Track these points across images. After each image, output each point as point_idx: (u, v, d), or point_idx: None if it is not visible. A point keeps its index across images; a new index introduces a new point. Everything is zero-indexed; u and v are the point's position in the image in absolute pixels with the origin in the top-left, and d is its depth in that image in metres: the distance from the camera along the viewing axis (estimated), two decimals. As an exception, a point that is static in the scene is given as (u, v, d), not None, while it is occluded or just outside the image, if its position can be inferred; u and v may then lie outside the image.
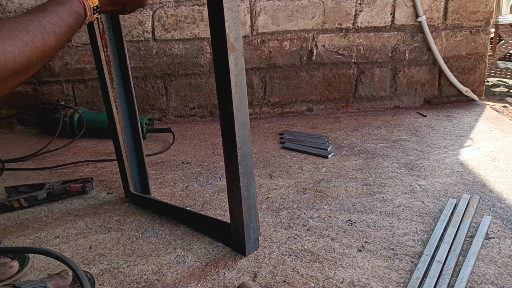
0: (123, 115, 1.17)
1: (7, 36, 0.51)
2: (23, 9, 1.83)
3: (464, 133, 1.70)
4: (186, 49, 1.92)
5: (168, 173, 1.43)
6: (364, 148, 1.58)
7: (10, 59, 0.51)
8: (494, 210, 1.11)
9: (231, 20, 0.80)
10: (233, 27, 0.81)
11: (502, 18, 2.28)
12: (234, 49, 0.82)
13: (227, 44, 0.81)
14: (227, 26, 0.80)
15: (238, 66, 0.84)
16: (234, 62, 0.83)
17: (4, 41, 0.51)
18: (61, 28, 0.61)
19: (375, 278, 0.87)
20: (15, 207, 1.21)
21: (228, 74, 0.83)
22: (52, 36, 0.59)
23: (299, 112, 2.06)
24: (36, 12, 0.59)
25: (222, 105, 0.87)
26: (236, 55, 0.83)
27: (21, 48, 0.53)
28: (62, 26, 0.62)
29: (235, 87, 0.85)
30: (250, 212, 0.94)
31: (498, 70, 2.42)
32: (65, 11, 0.63)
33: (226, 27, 0.80)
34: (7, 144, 1.79)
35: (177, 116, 2.01)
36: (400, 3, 1.93)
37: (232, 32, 0.81)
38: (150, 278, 0.90)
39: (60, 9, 0.62)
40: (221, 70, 0.84)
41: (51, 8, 0.61)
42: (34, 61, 0.56)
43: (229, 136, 0.88)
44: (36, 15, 0.59)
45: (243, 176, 0.90)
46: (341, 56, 1.99)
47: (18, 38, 0.53)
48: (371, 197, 1.21)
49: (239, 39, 0.83)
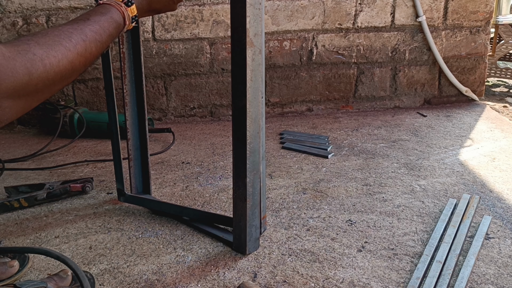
0: (132, 113, 1.17)
1: (50, 42, 0.56)
2: (23, 9, 1.83)
3: (464, 133, 1.70)
4: (186, 49, 1.92)
5: (168, 173, 1.43)
6: (364, 148, 1.58)
7: (54, 62, 0.55)
8: (494, 210, 1.11)
9: (252, 16, 0.82)
10: (253, 23, 0.83)
11: (502, 18, 2.28)
12: (252, 44, 0.84)
13: (247, 39, 0.83)
14: (248, 21, 0.82)
15: (255, 61, 0.86)
16: (251, 57, 0.85)
17: (48, 47, 0.55)
18: (101, 36, 0.66)
19: (375, 278, 0.87)
20: (15, 207, 1.21)
21: (244, 68, 0.84)
22: (93, 43, 0.63)
23: (299, 112, 2.06)
24: (79, 21, 0.64)
25: (235, 99, 0.88)
26: (254, 50, 0.85)
27: (64, 53, 0.57)
28: (103, 34, 0.66)
29: (250, 82, 0.86)
30: (254, 210, 0.94)
31: (498, 70, 2.42)
32: (106, 20, 0.68)
33: (247, 22, 0.82)
34: (7, 144, 1.79)
35: (177, 116, 2.01)
36: (400, 3, 1.93)
37: (252, 27, 0.83)
38: (150, 278, 0.90)
39: (101, 18, 0.67)
40: (238, 64, 0.85)
41: (93, 18, 0.66)
42: (77, 66, 0.60)
43: (239, 130, 0.89)
44: (79, 23, 0.63)
45: (250, 172, 0.91)
46: (341, 56, 1.99)
47: (61, 44, 0.57)
48: (371, 197, 1.21)
49: (258, 36, 0.85)
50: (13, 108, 0.52)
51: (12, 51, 0.51)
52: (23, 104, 0.53)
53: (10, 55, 0.51)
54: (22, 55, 0.52)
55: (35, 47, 0.54)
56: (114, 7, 0.71)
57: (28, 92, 0.53)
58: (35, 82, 0.53)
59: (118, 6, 0.72)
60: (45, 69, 0.54)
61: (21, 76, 0.51)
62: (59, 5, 1.83)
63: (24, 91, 0.52)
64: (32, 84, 0.52)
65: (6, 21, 1.84)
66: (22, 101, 0.53)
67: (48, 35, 0.57)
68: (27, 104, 0.54)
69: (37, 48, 0.54)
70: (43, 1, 1.82)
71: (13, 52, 0.51)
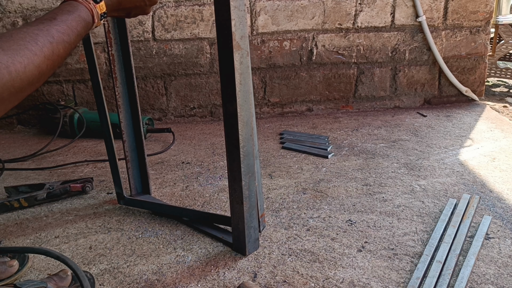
0: (126, 114, 1.16)
1: (15, 47, 0.52)
2: (23, 9, 1.83)
3: (464, 133, 1.70)
4: (186, 49, 1.92)
5: (168, 173, 1.43)
6: (364, 148, 1.58)
7: (20, 69, 0.52)
8: (494, 210, 1.11)
9: (237, 18, 0.81)
10: (239, 26, 0.82)
11: (502, 18, 2.28)
12: (239, 47, 0.83)
13: (233, 42, 0.81)
14: (233, 24, 0.81)
15: (243, 64, 0.85)
16: (239, 61, 0.84)
17: (13, 52, 0.52)
18: (69, 37, 0.62)
19: (375, 278, 0.87)
20: (15, 207, 1.21)
21: (233, 72, 0.83)
22: (61, 45, 0.59)
23: (299, 112, 2.06)
24: (45, 21, 0.60)
25: (226, 103, 0.88)
26: (241, 53, 0.84)
27: (30, 58, 0.53)
28: (71, 34, 0.62)
29: (239, 85, 0.85)
30: (251, 212, 0.94)
31: (498, 70, 2.42)
32: (74, 19, 0.64)
33: (232, 26, 0.81)
34: (7, 144, 1.79)
35: (177, 116, 2.01)
36: (400, 3, 1.93)
37: (238, 30, 0.82)
38: (150, 278, 0.90)
39: (68, 18, 0.63)
40: (226, 68, 0.84)
41: (60, 17, 0.62)
42: (44, 70, 0.57)
43: (232, 134, 0.88)
44: (45, 24, 0.59)
45: (245, 175, 0.90)
46: (341, 56, 1.99)
47: (27, 49, 0.54)
48: (371, 197, 1.21)
49: (245, 38, 0.83)
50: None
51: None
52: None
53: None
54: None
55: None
56: (82, 4, 0.67)
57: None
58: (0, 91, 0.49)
59: (86, 3, 0.68)
60: (10, 77, 0.50)
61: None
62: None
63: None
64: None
65: (6, 21, 1.84)
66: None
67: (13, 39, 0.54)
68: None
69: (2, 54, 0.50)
70: (43, 1, 1.82)
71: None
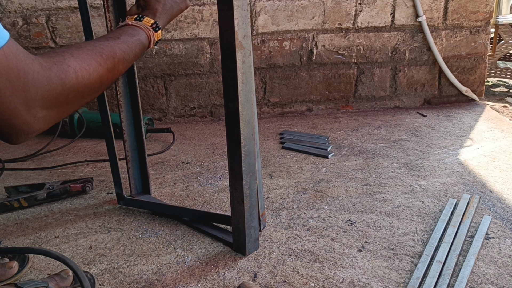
0: (127, 114, 1.16)
1: (84, 56, 0.59)
2: (23, 9, 1.83)
3: (464, 133, 1.70)
4: (186, 49, 1.92)
5: (168, 173, 1.43)
6: (364, 148, 1.58)
7: (86, 75, 0.57)
8: (494, 210, 1.11)
9: (240, 18, 0.81)
10: (241, 25, 0.82)
11: (502, 18, 2.28)
12: (242, 46, 0.83)
13: (236, 41, 0.82)
14: (236, 23, 0.81)
15: (246, 64, 0.85)
16: (241, 60, 0.84)
17: (82, 60, 0.58)
18: (129, 56, 0.69)
19: (375, 278, 0.87)
20: (15, 207, 1.21)
21: (235, 71, 0.84)
22: (121, 61, 0.67)
23: (299, 112, 2.06)
24: (110, 39, 0.67)
25: (228, 102, 0.88)
26: (244, 52, 0.84)
27: (95, 67, 0.60)
28: (130, 54, 0.69)
29: (241, 85, 0.85)
30: (252, 211, 0.94)
31: (498, 70, 2.42)
32: (134, 42, 0.71)
33: (235, 25, 0.81)
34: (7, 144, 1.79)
35: (177, 116, 2.01)
36: (400, 3, 1.93)
37: (240, 30, 0.82)
38: (150, 278, 0.90)
39: (130, 39, 0.70)
40: (228, 67, 0.85)
41: (123, 38, 0.70)
42: (105, 81, 0.63)
43: (234, 133, 0.88)
44: (110, 41, 0.67)
45: (246, 174, 0.91)
46: (341, 56, 1.99)
47: (93, 59, 0.60)
48: (371, 197, 1.21)
49: (247, 37, 0.84)
50: (46, 119, 0.53)
51: (48, 61, 0.53)
52: (54, 115, 0.55)
53: (46, 65, 0.52)
54: (57, 65, 0.54)
55: (69, 58, 0.56)
56: (143, 30, 0.75)
57: (60, 103, 0.54)
58: (67, 93, 0.55)
59: (146, 30, 0.75)
60: (77, 81, 0.56)
61: (55, 86, 0.53)
62: (59, 5, 1.83)
63: (57, 101, 0.54)
64: (64, 94, 0.54)
65: (6, 21, 1.84)
66: (54, 111, 0.54)
67: (82, 49, 0.60)
68: (57, 115, 0.55)
69: (71, 60, 0.56)
70: (43, 1, 1.82)
71: (49, 63, 0.53)
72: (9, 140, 0.52)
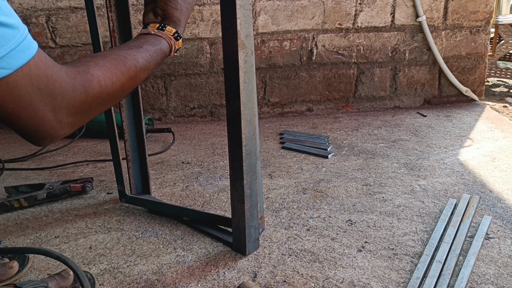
0: (128, 113, 1.17)
1: (108, 65, 0.61)
2: (23, 9, 1.83)
3: (464, 133, 1.70)
4: (186, 49, 1.92)
5: (168, 173, 1.43)
6: (364, 148, 1.58)
7: (109, 84, 0.60)
8: (494, 210, 1.11)
9: (243, 17, 0.82)
10: (244, 25, 0.82)
11: (502, 18, 2.28)
12: (244, 46, 0.83)
13: (238, 41, 0.82)
14: (239, 23, 0.81)
15: (248, 63, 0.85)
16: (243, 59, 0.84)
17: (106, 69, 0.60)
18: (150, 64, 0.71)
19: (375, 278, 0.87)
20: (15, 207, 1.21)
21: (237, 70, 0.84)
22: (142, 70, 0.69)
23: (299, 112, 2.06)
24: (133, 48, 0.70)
25: (229, 102, 0.88)
26: (246, 52, 0.84)
27: (118, 76, 0.62)
28: (151, 62, 0.71)
29: (243, 84, 0.85)
30: (252, 211, 0.94)
31: (498, 70, 2.42)
32: (156, 51, 0.73)
33: (237, 24, 0.81)
34: (7, 144, 1.79)
35: (177, 116, 2.01)
36: (400, 3, 1.93)
37: (243, 29, 0.82)
38: (150, 278, 0.90)
39: (152, 49, 0.72)
40: (230, 66, 0.85)
41: (146, 47, 0.71)
42: (126, 89, 0.65)
43: (235, 132, 0.89)
44: (133, 50, 0.69)
45: (247, 174, 0.91)
46: (341, 56, 1.99)
47: (117, 68, 0.63)
48: (371, 197, 1.21)
49: (250, 37, 0.84)
50: (70, 124, 0.55)
51: (72, 71, 0.55)
52: (78, 121, 0.57)
53: (71, 74, 0.55)
54: (81, 75, 0.56)
55: (94, 68, 0.58)
56: (165, 40, 0.76)
57: (84, 110, 0.57)
58: (90, 100, 0.57)
59: (168, 39, 0.76)
60: (100, 90, 0.58)
61: (79, 94, 0.55)
62: (59, 5, 1.83)
63: (81, 108, 0.56)
64: (87, 102, 0.57)
65: (6, 21, 1.84)
66: (78, 117, 0.56)
67: (107, 58, 0.63)
68: (81, 120, 0.57)
69: (96, 70, 0.59)
70: (43, 1, 1.82)
71: (74, 72, 0.55)
72: (34, 142, 0.55)
